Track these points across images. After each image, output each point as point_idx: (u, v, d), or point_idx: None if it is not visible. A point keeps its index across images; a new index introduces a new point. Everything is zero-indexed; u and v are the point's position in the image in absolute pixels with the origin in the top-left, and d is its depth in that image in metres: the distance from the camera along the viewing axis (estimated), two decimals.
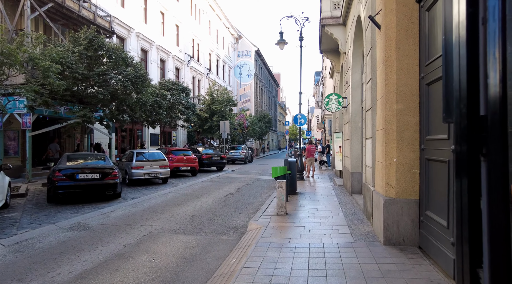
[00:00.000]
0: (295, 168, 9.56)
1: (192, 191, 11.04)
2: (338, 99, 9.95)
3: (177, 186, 12.15)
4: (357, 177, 8.89)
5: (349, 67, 9.41)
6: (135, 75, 12.35)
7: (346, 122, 10.21)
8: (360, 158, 8.86)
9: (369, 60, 6.11)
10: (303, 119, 13.45)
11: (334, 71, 14.21)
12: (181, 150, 15.74)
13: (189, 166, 14.91)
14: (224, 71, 42.29)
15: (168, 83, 18.08)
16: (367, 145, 6.21)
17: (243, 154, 24.26)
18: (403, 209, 4.51)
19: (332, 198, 8.88)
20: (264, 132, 41.31)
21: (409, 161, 4.53)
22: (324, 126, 29.09)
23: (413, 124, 4.53)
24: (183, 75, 29.44)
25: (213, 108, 23.44)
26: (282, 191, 6.84)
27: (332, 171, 17.04)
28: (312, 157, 14.44)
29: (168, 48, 26.55)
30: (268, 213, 7.05)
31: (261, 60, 53.77)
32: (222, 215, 7.41)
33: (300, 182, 12.43)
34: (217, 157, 17.75)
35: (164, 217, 7.20)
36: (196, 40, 32.74)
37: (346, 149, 10.34)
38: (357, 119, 8.96)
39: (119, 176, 8.96)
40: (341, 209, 7.33)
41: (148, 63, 23.88)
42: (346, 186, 10.16)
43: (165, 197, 9.78)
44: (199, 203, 8.80)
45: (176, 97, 17.52)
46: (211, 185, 12.53)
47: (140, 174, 11.64)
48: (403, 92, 4.56)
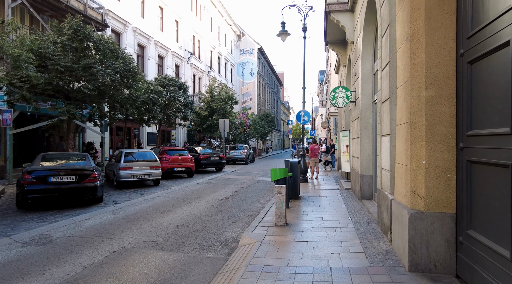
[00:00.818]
0: (297, 170, 8.55)
1: (184, 194, 10.06)
2: (346, 93, 8.92)
3: (169, 188, 11.18)
4: (367, 180, 7.85)
5: (358, 57, 8.37)
6: (125, 69, 11.40)
7: (354, 118, 9.17)
8: (371, 159, 7.82)
9: (385, 42, 5.08)
10: (307, 117, 12.43)
11: (341, 64, 13.17)
12: (176, 150, 14.79)
13: (185, 167, 13.95)
14: (226, 69, 41.32)
15: (165, 79, 17.14)
16: (383, 143, 5.18)
17: (244, 153, 23.27)
18: (434, 225, 3.49)
19: (339, 204, 7.84)
20: (267, 132, 40.30)
21: (442, 164, 3.50)
22: (328, 125, 28.00)
23: (447, 116, 3.50)
24: (183, 73, 28.51)
25: (213, 106, 22.47)
26: (282, 197, 5.83)
27: (338, 172, 15.98)
28: (316, 157, 13.40)
29: (167, 44, 25.63)
30: (265, 223, 6.04)
31: (264, 58, 52.78)
32: (212, 225, 6.42)
33: (303, 185, 11.41)
34: (216, 157, 16.77)
35: (144, 226, 6.23)
36: (196, 37, 31.81)
37: (354, 149, 9.30)
38: (367, 115, 7.92)
39: (100, 178, 8.01)
40: (350, 218, 6.29)
41: (145, 59, 22.99)
42: (354, 190, 9.12)
43: (153, 201, 8.81)
44: (188, 209, 7.82)
45: (172, 94, 16.57)
46: (207, 188, 11.55)
47: (129, 175, 10.69)
48: (434, 74, 3.53)
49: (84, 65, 10.50)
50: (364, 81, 7.94)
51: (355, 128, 8.99)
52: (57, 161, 8.12)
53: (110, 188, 10.99)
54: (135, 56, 21.42)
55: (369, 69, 7.88)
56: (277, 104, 69.08)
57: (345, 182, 11.37)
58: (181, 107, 17.64)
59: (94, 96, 11.33)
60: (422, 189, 3.55)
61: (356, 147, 8.90)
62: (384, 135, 5.08)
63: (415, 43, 3.64)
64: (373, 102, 7.77)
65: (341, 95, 8.98)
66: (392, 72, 4.70)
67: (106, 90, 11.45)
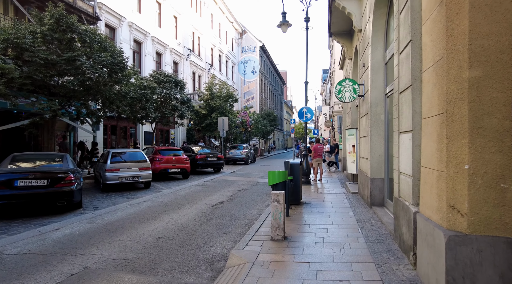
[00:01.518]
0: (298, 172, 7.63)
1: (175, 198, 9.17)
2: (353, 86, 7.98)
3: (159, 191, 10.30)
4: (378, 184, 6.91)
5: (367, 45, 7.43)
6: (113, 62, 10.54)
7: (362, 115, 8.23)
8: (382, 160, 6.88)
9: (404, 18, 4.15)
10: (309, 114, 11.50)
11: (346, 57, 12.23)
12: (171, 149, 13.92)
13: (179, 168, 13.07)
14: (228, 67, 40.45)
15: (160, 76, 16.27)
16: (402, 142, 4.25)
17: (245, 153, 22.36)
18: (482, 254, 2.56)
19: (346, 211, 6.91)
20: (269, 131, 39.38)
21: (493, 169, 2.57)
22: (332, 124, 27.01)
23: (500, 104, 2.58)
24: (181, 70, 27.65)
25: (212, 104, 21.59)
26: (279, 207, 4.92)
27: (343, 173, 15.04)
28: (319, 157, 12.47)
29: (165, 40, 24.78)
30: (260, 236, 5.14)
31: (267, 56, 51.87)
32: (199, 237, 5.52)
33: (306, 188, 10.49)
34: (213, 157, 15.88)
35: (120, 239, 5.35)
36: (196, 34, 30.94)
37: (362, 148, 8.36)
38: (378, 110, 6.97)
39: (78, 182, 7.14)
40: (360, 230, 5.37)
41: (142, 56, 22.16)
42: (363, 195, 8.19)
43: (138, 207, 7.93)
44: (175, 217, 6.92)
45: (168, 90, 15.69)
46: (201, 191, 10.66)
47: (115, 177, 9.83)
48: (482, 48, 2.61)
49: (67, 58, 9.64)
50: (374, 72, 7.00)
51: (364, 126, 8.05)
52: (29, 163, 7.27)
53: (96, 191, 10.14)
54: (131, 52, 20.61)
55: (380, 58, 6.94)
56: (280, 103, 68.12)
57: (351, 185, 10.43)
58: (178, 105, 16.77)
59: (80, 92, 10.47)
60: (464, 203, 2.62)
61: (364, 147, 7.96)
62: (404, 132, 4.15)
63: (453, 7, 2.72)
64: (385, 96, 6.84)
65: (347, 88, 8.04)
66: (415, 53, 3.76)
67: (93, 85, 10.60)
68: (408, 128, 3.95)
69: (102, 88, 10.83)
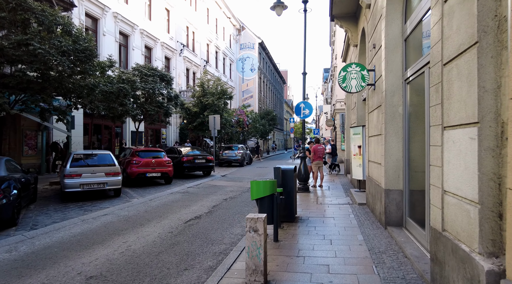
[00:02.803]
0: (292, 181, 6.01)
1: (144, 211, 7.56)
2: (361, 72, 6.35)
3: (129, 201, 8.69)
4: (395, 198, 5.28)
5: (379, 19, 5.81)
6: (76, 49, 8.94)
7: (373, 108, 6.59)
8: (401, 166, 5.25)
9: None
10: (308, 110, 9.88)
11: (350, 44, 10.59)
12: (151, 151, 12.29)
13: (160, 171, 11.46)
14: (225, 64, 38.84)
15: (143, 69, 14.67)
16: (452, 142, 2.62)
17: (239, 154, 20.72)
18: None
19: (353, 233, 5.29)
20: (268, 131, 37.76)
21: None
22: (334, 123, 25.36)
23: None
24: (174, 66, 26.09)
25: (204, 101, 19.98)
26: (258, 240, 3.31)
27: (346, 178, 13.41)
28: (319, 159, 10.84)
29: (156, 34, 23.22)
30: (232, 278, 3.53)
31: (266, 54, 50.27)
32: (148, 276, 3.91)
33: (304, 196, 8.87)
34: (202, 159, 14.24)
35: (37, 279, 3.74)
36: (191, 28, 29.36)
37: (373, 150, 6.72)
38: (395, 101, 5.35)
39: (6, 194, 5.54)
40: (375, 269, 3.74)
41: (129, 49, 20.60)
42: (373, 209, 6.55)
43: (90, 224, 6.32)
44: (131, 240, 5.32)
45: (152, 85, 14.08)
46: (180, 200, 9.05)
47: (76, 185, 8.23)
48: None
49: (17, 42, 8.06)
50: (389, 51, 5.37)
51: (375, 122, 6.41)
52: None
53: (55, 201, 8.54)
54: (116, 45, 19.06)
55: (397, 33, 5.31)
56: (280, 102, 66.49)
57: (357, 193, 8.80)
58: (163, 102, 15.15)
59: (36, 83, 8.87)
60: None
61: (375, 148, 6.32)
62: (457, 127, 2.52)
63: None
64: (404, 82, 5.21)
65: (354, 75, 6.40)
66: None
67: (56, 77, 9.01)
68: (467, 119, 2.32)
69: (65, 79, 9.24)
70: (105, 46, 17.96)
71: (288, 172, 5.99)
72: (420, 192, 4.88)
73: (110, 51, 18.24)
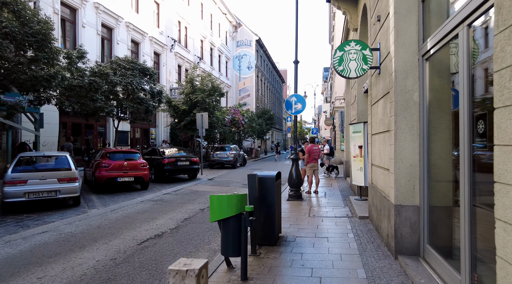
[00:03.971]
0: (273, 193, 4.61)
1: (96, 226, 6.17)
2: (363, 51, 4.96)
3: (85, 212, 7.29)
4: (409, 217, 3.87)
5: None
6: (26, 32, 7.57)
7: (378, 98, 5.17)
8: (417, 174, 3.85)
9: None
10: (300, 104, 8.47)
11: (350, 29, 9.17)
12: (123, 152, 10.88)
13: (133, 175, 10.07)
14: (221, 62, 37.43)
15: (122, 62, 13.28)
16: None
17: (232, 155, 19.30)
18: None
19: (352, 264, 3.89)
20: (265, 131, 36.35)
21: None
22: (333, 122, 23.94)
23: None
24: (164, 62, 24.74)
25: (192, 98, 18.57)
26: None
27: (345, 181, 12.00)
28: (315, 162, 9.45)
29: (144, 28, 21.86)
30: None
31: (264, 52, 48.90)
32: None
33: (294, 206, 7.48)
34: (185, 161, 12.83)
35: None
36: (183, 23, 27.98)
37: (377, 152, 5.30)
38: (408, 85, 3.94)
39: None
40: None
41: (113, 43, 19.23)
42: (378, 227, 5.15)
43: (14, 248, 4.91)
44: (54, 272, 3.92)
45: (129, 79, 12.68)
46: (147, 210, 7.65)
47: (19, 193, 6.84)
48: None
49: None
50: (401, 18, 3.97)
51: (380, 116, 5.00)
52: None
53: None
54: (98, 38, 17.69)
55: None
56: (279, 102, 65.10)
57: (357, 202, 7.40)
58: (144, 98, 13.76)
59: None
60: None
61: (381, 149, 4.92)
62: None
63: None
64: (422, 58, 3.82)
65: (353, 56, 5.00)
66: None
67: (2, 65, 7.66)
68: None
69: (16, 69, 7.87)
70: (85, 38, 16.59)
71: (268, 180, 4.60)
72: (444, 209, 3.49)
73: (90, 44, 16.90)
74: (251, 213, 3.51)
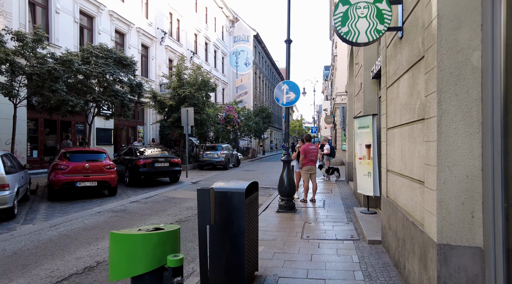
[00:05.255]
0: (241, 216, 2.98)
1: (12, 253, 4.55)
2: (377, 4, 3.37)
3: (15, 229, 5.67)
4: (467, 266, 2.22)
5: None
6: None
7: (400, 74, 3.51)
8: (479, 191, 2.22)
9: None
10: (293, 93, 6.82)
11: None
12: (86, 152, 9.25)
13: (96, 180, 8.46)
14: (217, 57, 35.78)
15: (95, 50, 11.66)
16: None
17: (223, 156, 17.66)
18: None
19: None
20: (262, 129, 34.71)
21: None
22: (334, 120, 22.31)
23: None
24: (154, 55, 23.14)
25: (180, 93, 16.94)
26: None
27: (347, 186, 10.38)
28: (311, 164, 7.83)
29: (130, 18, 20.26)
30: None
31: (262, 48, 47.27)
32: None
33: (284, 220, 5.86)
34: (164, 162, 11.19)
35: None
36: (175, 15, 26.36)
37: (399, 153, 3.62)
38: (462, 39, 2.32)
39: None
40: None
41: (95, 33, 17.59)
42: (404, 272, 3.49)
43: None
44: None
45: (101, 68, 11.06)
46: (97, 226, 6.03)
47: None
48: None
49: None
50: None
51: (404, 99, 3.35)
52: None
53: None
54: (75, 27, 16.08)
55: None
56: None
57: (364, 217, 5.77)
58: (119, 90, 12.14)
59: None
60: None
61: (406, 149, 3.27)
62: None
63: None
64: None
65: (363, 11, 3.37)
66: None
67: None
68: None
69: None
70: (59, 26, 15.00)
71: (233, 196, 2.98)
72: None
73: (66, 33, 15.31)
74: (179, 270, 1.88)
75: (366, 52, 6.73)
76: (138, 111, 22.04)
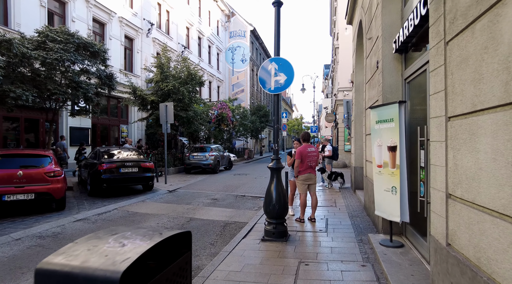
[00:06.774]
0: None
1: None
2: None
3: None
4: None
5: None
6: None
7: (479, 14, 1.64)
8: None
9: None
10: (284, 74, 4.94)
11: None
12: (22, 155, 7.33)
13: (34, 191, 6.55)
14: (211, 53, 33.87)
15: (51, 32, 9.77)
16: None
17: (211, 158, 15.72)
18: None
19: None
20: (258, 129, 32.81)
21: None
22: (335, 118, 20.40)
23: None
24: (139, 48, 21.25)
25: (163, 87, 15.04)
26: None
27: (355, 195, 8.47)
28: (310, 171, 5.95)
29: (112, 7, 18.38)
30: None
31: (259, 44, 45.37)
32: None
33: (270, 256, 3.91)
34: (132, 167, 9.26)
35: None
36: (164, 6, 24.47)
37: (484, 163, 1.76)
38: None
39: None
40: None
41: (68, 20, 15.68)
42: None
43: None
44: None
45: (57, 54, 9.18)
46: (6, 264, 4.14)
47: None
48: None
49: None
50: None
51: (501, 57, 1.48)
52: None
53: None
54: (43, 11, 14.15)
55: None
56: None
57: (387, 253, 3.86)
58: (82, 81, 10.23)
59: None
60: None
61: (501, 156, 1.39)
62: None
63: None
64: None
65: None
66: None
67: None
68: None
69: None
70: (21, 10, 13.09)
71: None
72: None
73: (30, 18, 13.40)
74: None
75: (386, 18, 4.83)
76: (122, 108, 20.17)
